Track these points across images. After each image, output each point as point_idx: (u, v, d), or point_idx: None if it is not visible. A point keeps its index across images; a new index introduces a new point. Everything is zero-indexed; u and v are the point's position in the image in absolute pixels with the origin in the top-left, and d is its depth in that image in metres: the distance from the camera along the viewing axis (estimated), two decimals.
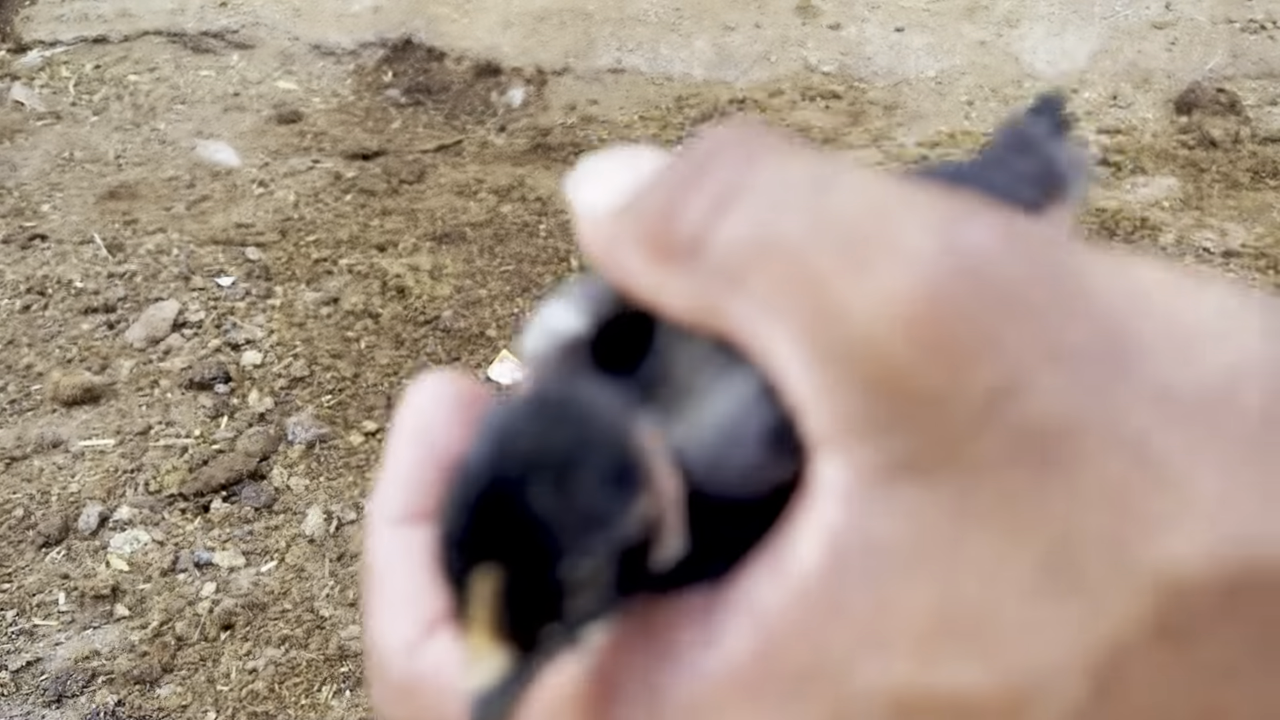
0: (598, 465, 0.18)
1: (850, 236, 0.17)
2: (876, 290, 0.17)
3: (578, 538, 0.18)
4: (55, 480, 1.38)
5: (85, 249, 1.77)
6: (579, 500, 0.18)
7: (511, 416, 0.19)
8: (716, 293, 0.19)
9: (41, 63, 2.28)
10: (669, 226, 0.19)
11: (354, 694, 1.14)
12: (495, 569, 0.18)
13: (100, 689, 1.14)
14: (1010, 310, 0.17)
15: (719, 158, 0.20)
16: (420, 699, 0.21)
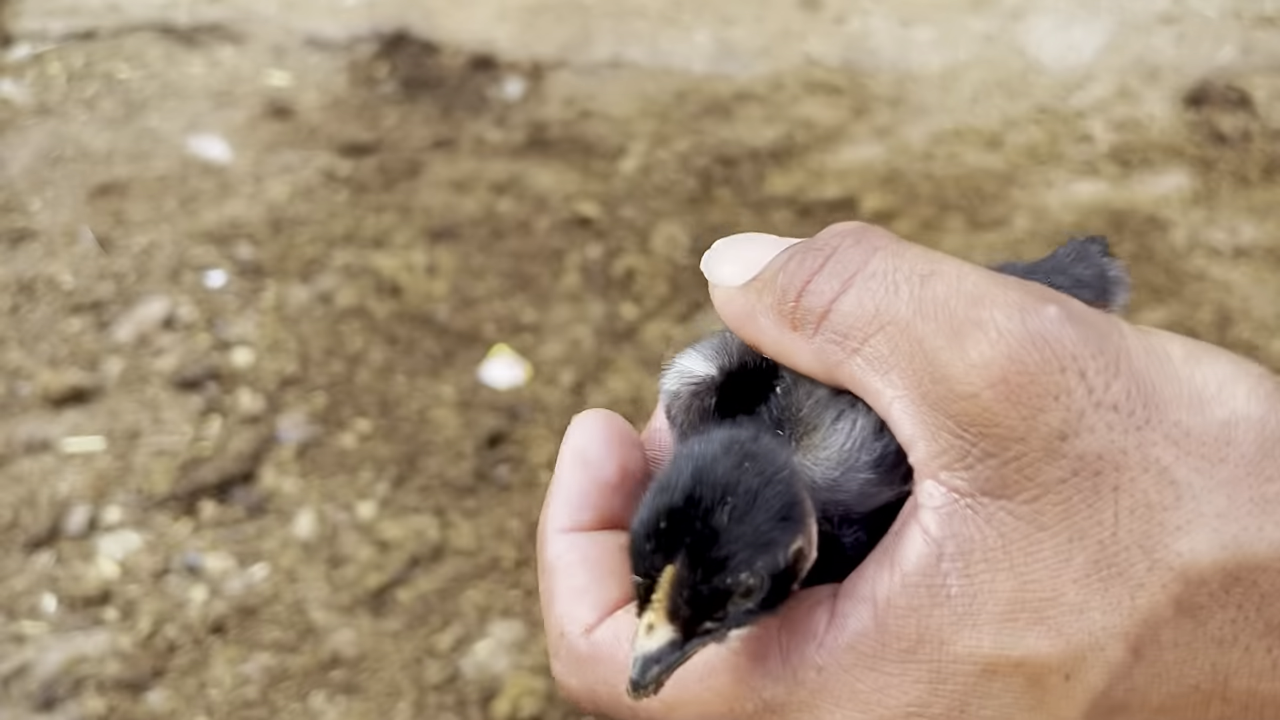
0: (773, 503, 0.26)
1: (948, 316, 0.26)
2: (970, 358, 0.25)
3: (748, 558, 0.25)
4: (43, 482, 1.36)
5: (74, 247, 1.74)
6: (754, 528, 0.25)
7: (708, 449, 0.27)
8: (839, 353, 0.27)
9: (30, 57, 2.25)
10: (799, 301, 0.28)
11: (347, 700, 1.13)
12: (679, 569, 0.25)
13: (89, 695, 1.12)
14: (1070, 372, 0.24)
15: (842, 247, 0.28)
16: (595, 669, 0.29)
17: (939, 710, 0.26)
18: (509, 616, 1.21)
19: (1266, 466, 0.25)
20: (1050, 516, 0.25)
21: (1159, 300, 1.68)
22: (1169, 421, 0.25)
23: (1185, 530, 0.25)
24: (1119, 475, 0.25)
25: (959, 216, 1.89)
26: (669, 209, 1.89)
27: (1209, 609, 0.25)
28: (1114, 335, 0.26)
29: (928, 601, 0.25)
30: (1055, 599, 0.25)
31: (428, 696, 1.13)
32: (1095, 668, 0.25)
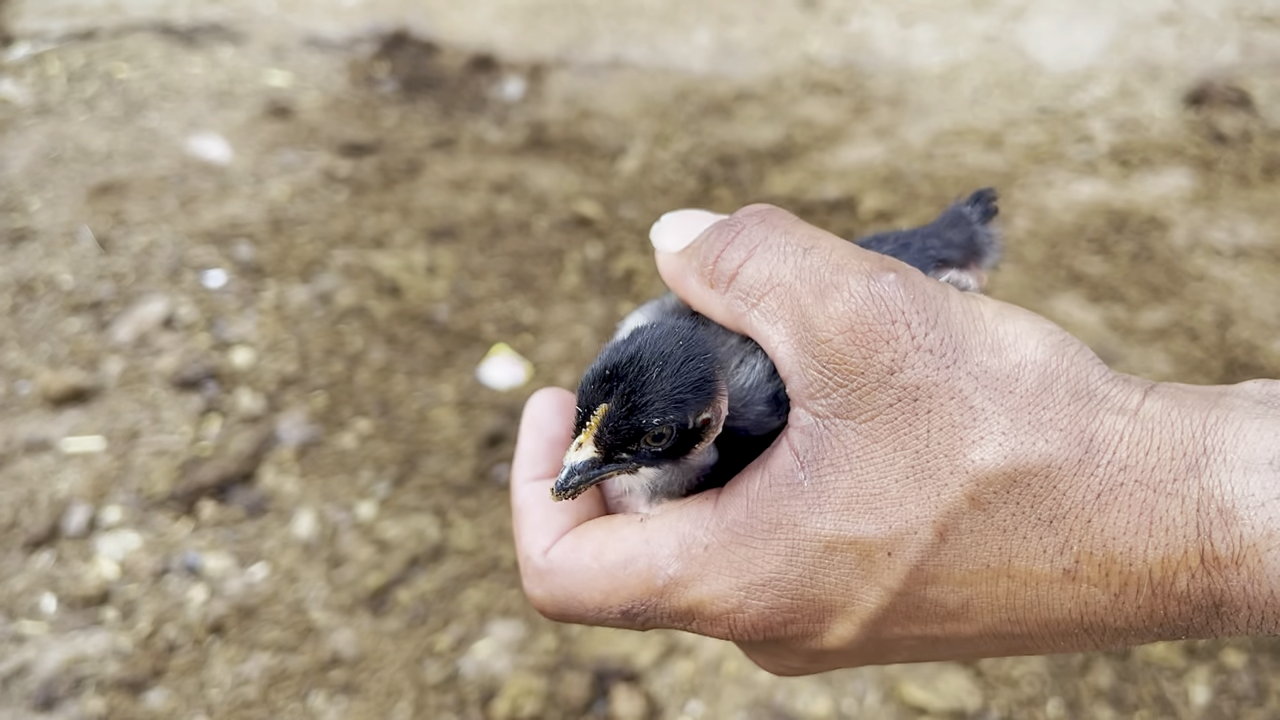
0: (692, 375, 0.34)
1: (818, 280, 0.35)
2: (829, 311, 0.34)
3: (662, 408, 0.34)
4: (44, 482, 1.35)
5: (74, 247, 1.74)
6: (673, 388, 0.34)
7: (656, 329, 0.35)
8: (742, 306, 0.36)
9: (30, 57, 2.25)
10: (715, 265, 0.37)
11: (347, 700, 1.12)
12: (610, 407, 0.34)
13: (89, 695, 1.12)
14: (899, 323, 0.33)
15: (749, 225, 0.37)
16: (552, 578, 0.38)
17: (793, 577, 0.34)
18: (509, 616, 1.21)
19: (1044, 398, 0.33)
20: (881, 432, 0.33)
21: (1159, 300, 1.68)
22: (973, 362, 0.33)
23: (978, 444, 0.32)
24: (931, 401, 0.33)
25: None
26: (669, 209, 1.88)
27: (995, 504, 0.32)
28: (938, 297, 0.34)
29: (786, 495, 0.34)
30: (882, 494, 0.33)
31: (428, 696, 1.13)
32: (911, 547, 0.33)
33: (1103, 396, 0.33)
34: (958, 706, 1.09)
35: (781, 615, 0.35)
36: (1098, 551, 0.32)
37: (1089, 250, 1.80)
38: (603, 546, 0.37)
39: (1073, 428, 0.32)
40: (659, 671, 1.14)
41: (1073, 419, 0.33)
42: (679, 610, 0.36)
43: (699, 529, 0.35)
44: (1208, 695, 1.10)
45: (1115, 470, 0.32)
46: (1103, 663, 1.14)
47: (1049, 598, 0.33)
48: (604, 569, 0.37)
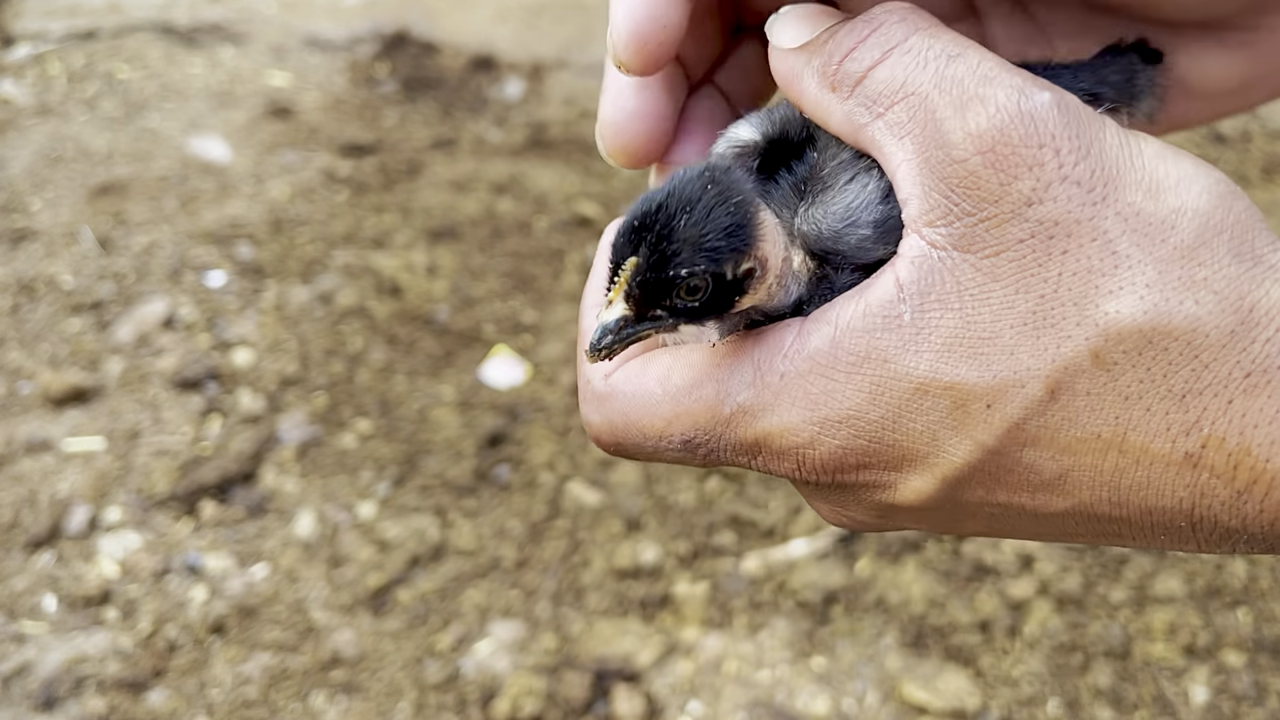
0: (722, 220, 0.31)
1: (960, 91, 0.30)
2: (969, 126, 0.29)
3: (690, 257, 0.30)
4: (44, 482, 1.36)
5: (74, 247, 1.74)
6: (701, 235, 0.30)
7: (687, 173, 0.32)
8: (865, 115, 0.31)
9: (30, 58, 2.25)
10: (840, 65, 0.32)
11: (348, 700, 1.12)
12: (639, 259, 0.31)
13: (89, 695, 1.12)
14: (1047, 148, 0.28)
15: (888, 23, 0.32)
16: (611, 403, 0.35)
17: (874, 417, 0.30)
18: (509, 616, 1.21)
19: (1201, 253, 0.28)
20: (1005, 270, 0.29)
21: None
22: (1124, 201, 0.29)
23: (1115, 294, 0.28)
24: (1069, 241, 0.29)
25: None
26: None
27: (1122, 366, 0.28)
28: (1094, 125, 0.30)
29: (880, 326, 0.30)
30: (992, 339, 0.29)
31: (428, 696, 1.13)
32: (1014, 401, 0.29)
33: (1271, 264, 0.28)
34: (958, 706, 1.09)
35: (856, 457, 0.31)
36: (1231, 439, 0.27)
37: None
38: (669, 371, 0.34)
39: (1230, 292, 0.28)
40: (659, 671, 1.14)
41: (1232, 282, 0.28)
42: (745, 442, 0.32)
43: (776, 356, 0.31)
44: (1207, 695, 1.10)
45: (1274, 351, 0.27)
46: (1102, 662, 1.14)
47: (1161, 481, 0.29)
48: (668, 394, 0.33)
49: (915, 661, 1.13)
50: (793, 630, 1.17)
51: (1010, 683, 1.12)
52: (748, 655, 1.15)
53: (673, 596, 1.21)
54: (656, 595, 1.21)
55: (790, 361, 0.31)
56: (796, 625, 1.17)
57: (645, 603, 1.21)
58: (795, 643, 1.16)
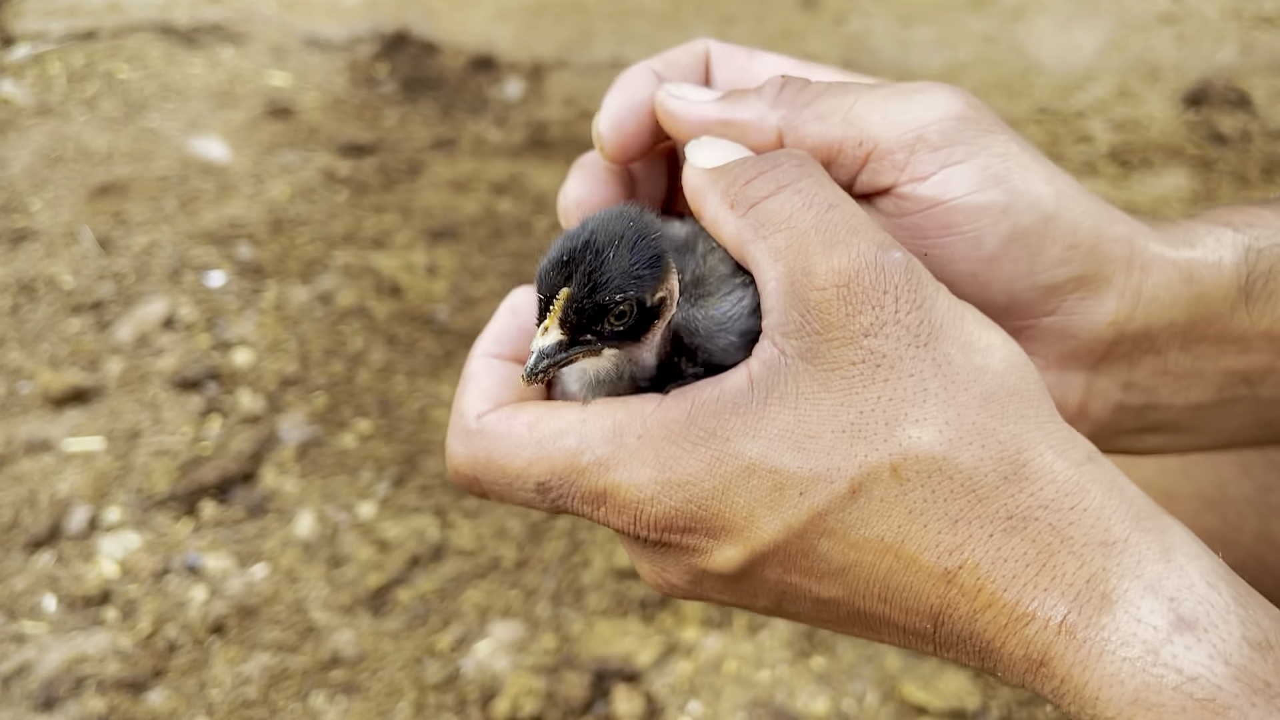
0: (646, 252, 0.36)
1: (832, 234, 0.36)
2: (831, 263, 0.36)
3: (622, 284, 0.35)
4: (44, 482, 1.36)
5: (74, 247, 1.74)
6: (630, 265, 0.36)
7: (606, 213, 0.37)
8: (751, 235, 0.38)
9: (30, 58, 2.25)
10: (742, 189, 0.38)
11: (348, 700, 1.12)
12: (572, 289, 0.35)
13: (89, 695, 1.12)
14: (889, 294, 0.35)
15: (787, 164, 0.39)
16: (477, 440, 0.39)
17: (708, 486, 0.35)
18: (509, 616, 1.21)
19: (993, 407, 0.34)
20: (836, 384, 0.35)
21: None
22: (941, 351, 0.35)
23: (919, 423, 0.34)
24: (890, 372, 0.34)
25: None
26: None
27: (913, 483, 0.34)
28: (930, 287, 0.36)
29: (729, 410, 0.36)
30: (816, 438, 0.34)
31: (428, 696, 1.13)
32: (822, 493, 0.34)
33: (1048, 432, 0.34)
34: (958, 706, 1.09)
35: (684, 520, 0.36)
36: (984, 566, 0.32)
37: None
38: (538, 419, 0.38)
39: (1011, 445, 0.33)
40: (659, 671, 1.14)
41: (1014, 438, 0.33)
42: (594, 491, 0.37)
43: (636, 419, 0.37)
44: None
45: (1035, 505, 0.32)
46: None
47: (921, 588, 0.34)
48: (534, 438, 0.38)
49: (915, 661, 1.13)
50: (792, 630, 1.17)
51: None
52: (747, 655, 1.15)
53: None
54: (656, 595, 1.21)
55: (648, 426, 0.36)
56: (796, 625, 1.17)
57: (645, 603, 1.21)
58: (795, 643, 1.16)
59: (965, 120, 0.40)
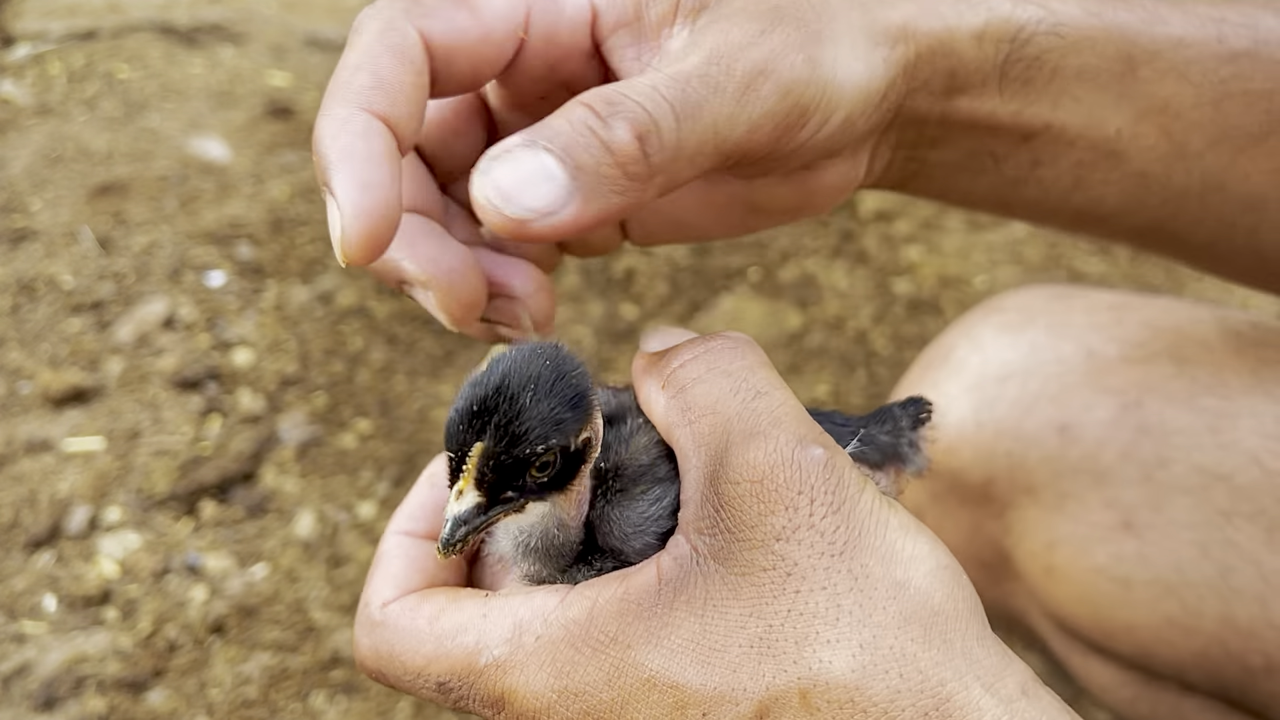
0: (566, 392, 0.33)
1: (753, 425, 0.34)
2: (748, 456, 0.33)
3: (543, 433, 0.32)
4: (44, 482, 1.36)
5: (74, 247, 1.74)
6: (550, 410, 0.32)
7: (517, 353, 0.34)
8: (679, 418, 0.36)
9: (30, 58, 2.25)
10: (674, 371, 0.37)
11: (348, 700, 1.13)
12: (486, 444, 0.32)
13: (89, 694, 1.13)
14: (804, 495, 0.33)
15: (721, 349, 0.37)
16: (380, 632, 0.37)
17: (606, 698, 0.32)
18: None
19: (913, 629, 0.31)
20: (745, 592, 0.32)
21: None
22: (858, 562, 0.32)
23: (831, 645, 0.31)
24: (802, 583, 0.32)
25: (959, 216, 1.89)
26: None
27: (825, 713, 0.30)
28: (853, 488, 0.34)
29: (633, 613, 0.33)
30: (722, 652, 0.32)
31: None
32: (726, 715, 0.31)
33: (975, 660, 0.31)
34: None
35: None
36: None
37: (1088, 250, 1.80)
38: (440, 612, 0.36)
39: (933, 676, 0.30)
40: None
41: (936, 667, 0.30)
42: (492, 695, 0.34)
43: (536, 619, 0.34)
44: None
45: None
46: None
47: None
48: (433, 634, 0.35)
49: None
50: None
51: None
52: None
53: None
54: None
55: (547, 627, 0.34)
56: None
57: None
58: None
59: None
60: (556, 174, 0.35)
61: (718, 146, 0.36)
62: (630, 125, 0.34)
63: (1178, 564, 0.58)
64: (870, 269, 1.76)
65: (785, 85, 0.36)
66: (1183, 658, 0.58)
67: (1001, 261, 1.78)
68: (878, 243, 1.82)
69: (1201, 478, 0.57)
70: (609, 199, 0.36)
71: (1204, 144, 0.47)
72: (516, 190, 0.34)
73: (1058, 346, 0.63)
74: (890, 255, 1.79)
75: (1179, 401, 0.59)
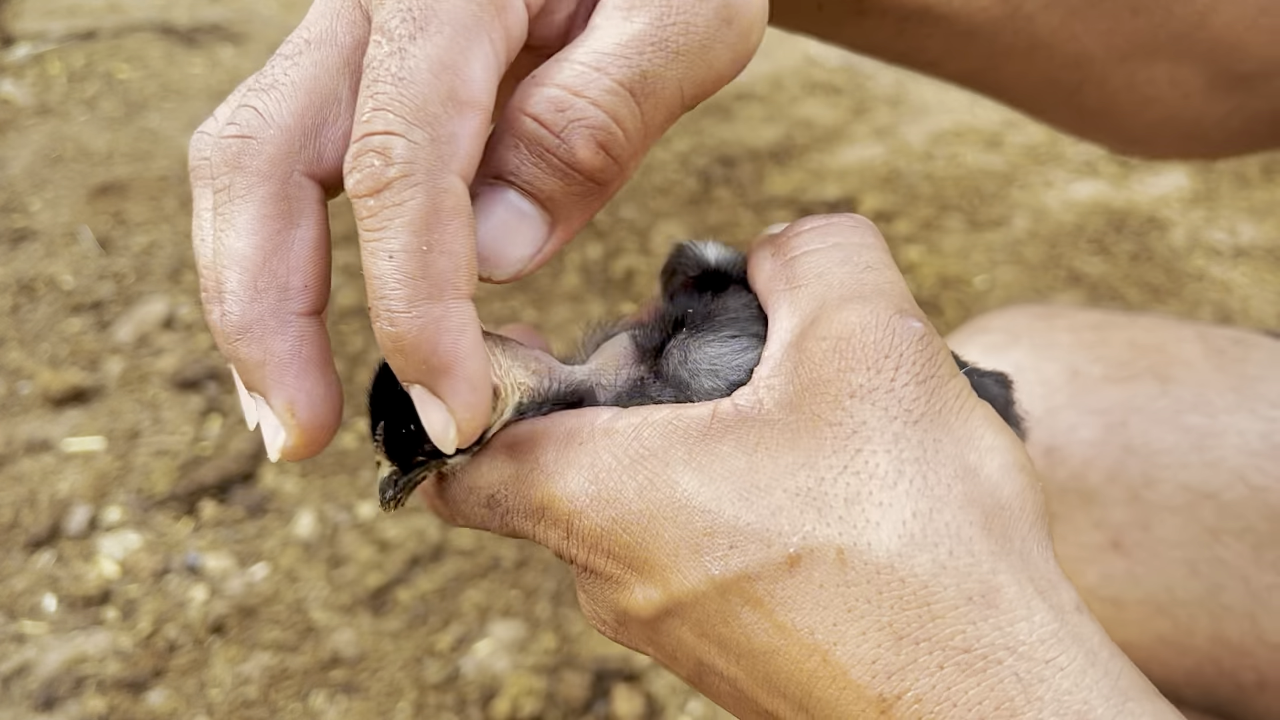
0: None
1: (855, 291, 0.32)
2: (841, 315, 0.31)
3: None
4: (44, 482, 1.36)
5: (74, 247, 1.74)
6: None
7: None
8: (782, 284, 0.34)
9: (30, 58, 2.25)
10: (789, 239, 0.35)
11: (348, 700, 1.13)
12: (386, 421, 0.34)
13: (89, 694, 1.12)
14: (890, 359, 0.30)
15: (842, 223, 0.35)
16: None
17: (636, 508, 0.30)
18: (509, 616, 1.21)
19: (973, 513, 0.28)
20: (804, 441, 0.30)
21: (1158, 300, 1.68)
22: (931, 435, 0.29)
23: (883, 507, 0.28)
24: (867, 442, 0.29)
25: (959, 216, 1.89)
26: (669, 209, 1.89)
27: (857, 575, 0.28)
28: (944, 367, 0.31)
29: (678, 436, 0.31)
30: (765, 492, 0.29)
31: (428, 696, 1.13)
32: (755, 555, 0.29)
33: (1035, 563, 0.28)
34: None
35: (609, 543, 0.31)
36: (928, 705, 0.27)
37: (1089, 250, 1.80)
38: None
39: (985, 565, 0.27)
40: (659, 671, 1.14)
41: (991, 556, 0.28)
42: (534, 504, 0.32)
43: (585, 428, 0.32)
44: None
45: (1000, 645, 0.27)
46: None
47: (848, 709, 0.28)
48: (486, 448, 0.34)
49: None
50: None
51: None
52: None
53: None
54: None
55: (593, 436, 0.32)
56: None
57: None
58: None
59: None
60: (529, 212, 0.32)
61: (686, 106, 0.34)
62: (590, 137, 0.31)
63: (1168, 583, 0.57)
64: None
65: (746, 26, 0.33)
66: (1176, 676, 0.58)
67: (1001, 261, 1.78)
68: None
69: (1189, 496, 0.56)
70: (587, 208, 0.34)
71: (1037, 5, 0.46)
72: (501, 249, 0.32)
73: (1042, 367, 0.63)
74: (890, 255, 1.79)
75: (1164, 420, 0.58)
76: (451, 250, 0.30)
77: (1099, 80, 0.50)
